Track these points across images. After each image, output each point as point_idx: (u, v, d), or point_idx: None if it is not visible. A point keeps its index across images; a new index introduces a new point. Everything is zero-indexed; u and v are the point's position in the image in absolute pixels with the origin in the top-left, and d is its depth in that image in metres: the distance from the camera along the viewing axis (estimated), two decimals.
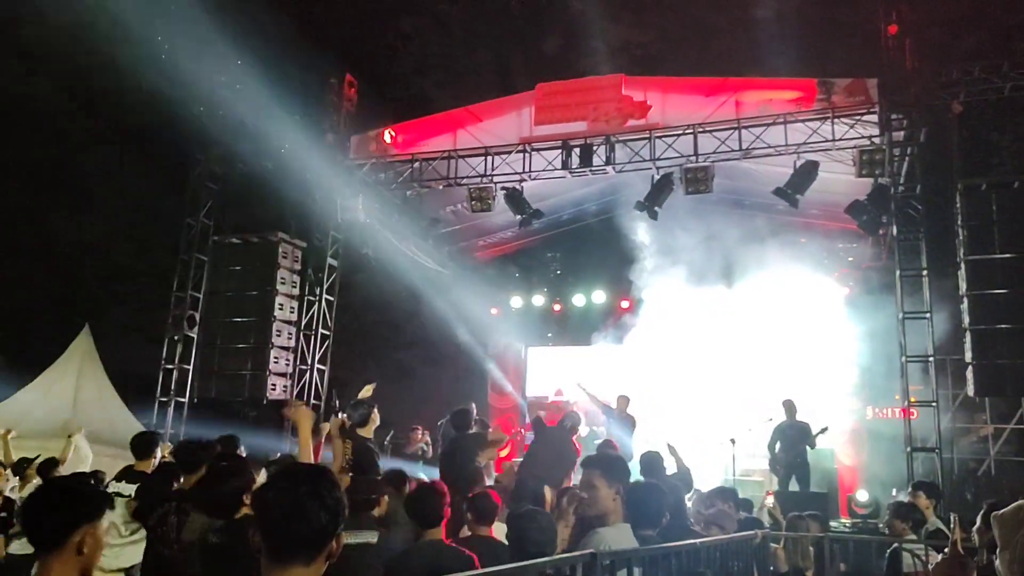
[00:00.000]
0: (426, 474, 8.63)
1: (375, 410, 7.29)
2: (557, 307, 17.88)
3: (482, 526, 4.67)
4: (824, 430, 11.59)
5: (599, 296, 17.33)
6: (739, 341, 16.08)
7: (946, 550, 3.16)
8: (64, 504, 2.63)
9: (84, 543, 2.57)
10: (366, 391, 7.98)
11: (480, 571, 2.49)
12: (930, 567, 6.02)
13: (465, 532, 4.90)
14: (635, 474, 5.75)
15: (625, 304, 17.20)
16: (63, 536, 2.55)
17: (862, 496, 11.50)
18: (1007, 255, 10.34)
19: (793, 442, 11.37)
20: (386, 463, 8.23)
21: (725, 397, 15.87)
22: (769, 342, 15.83)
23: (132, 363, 14.56)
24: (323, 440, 6.88)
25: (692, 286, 16.00)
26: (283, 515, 2.05)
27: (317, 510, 2.04)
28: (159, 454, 6.50)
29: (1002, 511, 2.71)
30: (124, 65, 14.45)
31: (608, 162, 12.70)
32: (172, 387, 14.12)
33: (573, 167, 12.84)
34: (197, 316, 14.42)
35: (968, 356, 10.49)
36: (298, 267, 14.74)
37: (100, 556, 2.66)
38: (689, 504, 7.19)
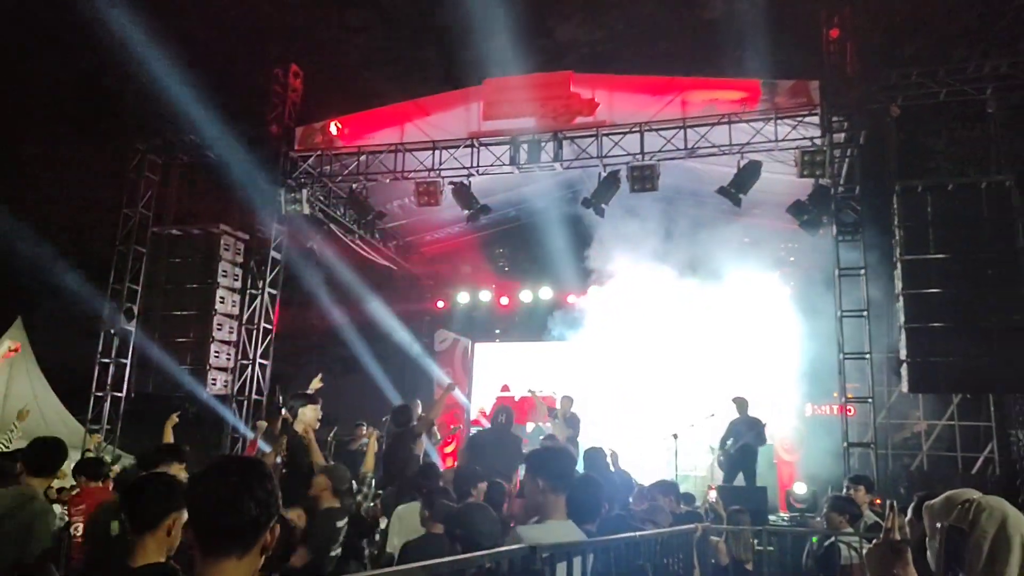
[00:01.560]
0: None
1: (314, 405, 7.22)
2: (504, 302, 17.88)
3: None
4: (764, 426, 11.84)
5: (546, 292, 17.37)
6: (683, 338, 16.29)
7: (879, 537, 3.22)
8: (163, 493, 3.12)
9: (173, 526, 3.07)
10: (315, 384, 7.90)
11: (418, 564, 2.46)
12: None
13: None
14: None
15: (572, 300, 17.27)
16: (159, 520, 3.04)
17: (800, 490, 11.72)
18: (941, 255, 10.62)
19: (744, 438, 11.55)
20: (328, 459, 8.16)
21: (668, 393, 16.07)
22: (712, 339, 16.07)
23: (67, 357, 14.13)
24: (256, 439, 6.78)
25: (637, 284, 16.17)
26: (213, 508, 2.01)
27: (247, 501, 2.00)
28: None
29: (932, 501, 2.77)
30: (61, 48, 14.05)
31: (556, 159, 12.73)
32: (109, 382, 13.73)
33: (521, 163, 12.85)
34: (135, 309, 14.04)
35: (903, 354, 10.76)
36: (240, 260, 14.46)
37: (179, 538, 3.10)
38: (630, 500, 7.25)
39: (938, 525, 2.64)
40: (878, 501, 8.41)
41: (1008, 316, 10.24)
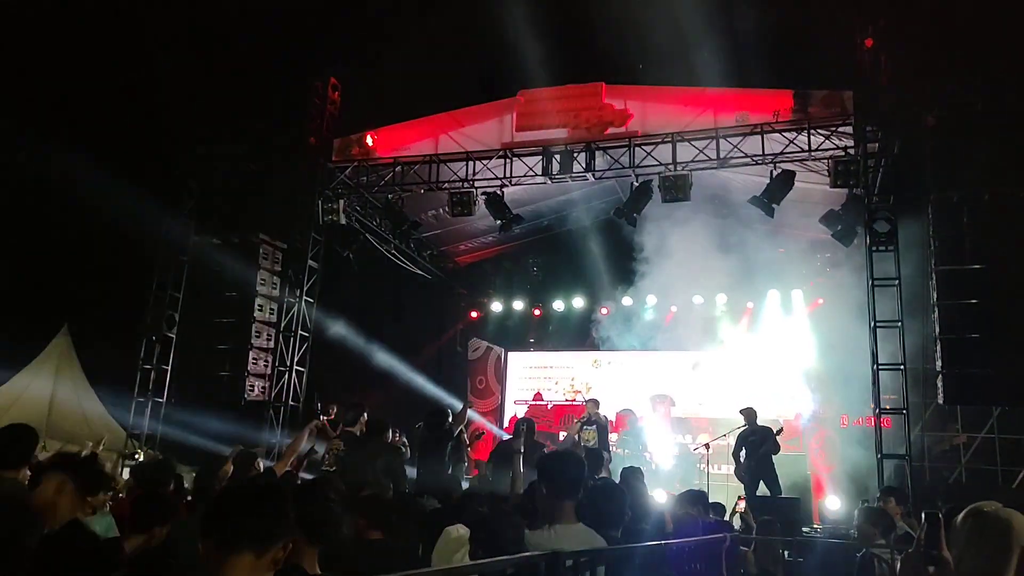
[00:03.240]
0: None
1: (365, 412, 7.57)
2: (537, 312, 17.98)
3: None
4: (780, 431, 11.78)
5: (579, 302, 17.44)
6: (716, 348, 16.30)
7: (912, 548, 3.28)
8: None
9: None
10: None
11: (438, 568, 2.57)
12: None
13: None
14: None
15: (604, 310, 17.33)
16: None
17: (833, 503, 11.64)
18: (977, 266, 10.51)
19: (756, 448, 11.53)
20: None
21: (702, 403, 16.09)
22: (746, 350, 16.06)
23: (110, 363, 14.49)
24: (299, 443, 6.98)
25: (671, 293, 16.23)
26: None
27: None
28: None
29: (956, 518, 2.82)
30: (106, 57, 14.44)
31: (588, 169, 12.82)
32: (150, 387, 14.07)
33: (553, 173, 12.96)
34: (176, 316, 14.37)
35: (938, 365, 10.65)
36: (279, 268, 14.74)
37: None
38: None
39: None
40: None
41: None
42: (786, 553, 8.24)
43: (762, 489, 11.37)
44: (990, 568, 2.61)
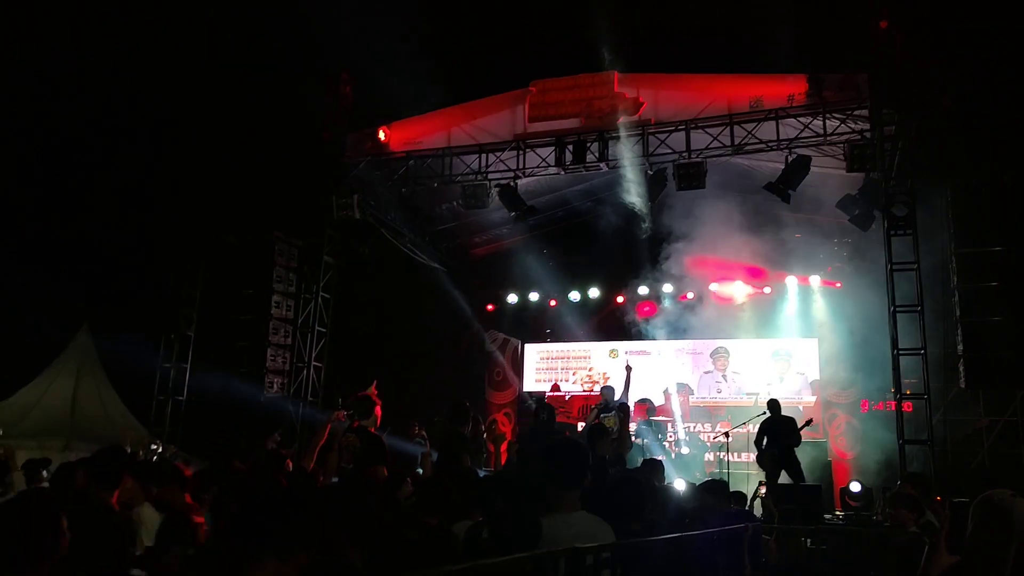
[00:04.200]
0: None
1: (378, 405, 7.53)
2: (553, 303, 17.95)
3: None
4: (809, 423, 11.75)
5: (594, 292, 17.38)
6: (734, 336, 16.23)
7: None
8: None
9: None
10: (371, 390, 8.15)
11: (460, 566, 2.56)
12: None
13: None
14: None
15: (620, 300, 17.28)
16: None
17: (855, 488, 11.56)
18: (996, 248, 10.38)
19: (779, 437, 11.47)
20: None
21: (721, 392, 16.04)
22: (764, 337, 15.98)
23: (131, 362, 14.59)
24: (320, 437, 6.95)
25: (686, 281, 16.16)
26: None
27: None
28: None
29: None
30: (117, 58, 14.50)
31: (601, 158, 12.76)
32: (170, 386, 14.18)
33: (567, 164, 12.91)
34: (194, 315, 14.46)
35: (960, 349, 10.55)
36: (295, 265, 14.78)
37: None
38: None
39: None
40: (939, 499, 8.28)
41: None
42: (808, 541, 8.21)
43: (784, 478, 11.32)
44: (991, 554, 2.74)
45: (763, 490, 10.40)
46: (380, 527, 3.18)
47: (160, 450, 12.60)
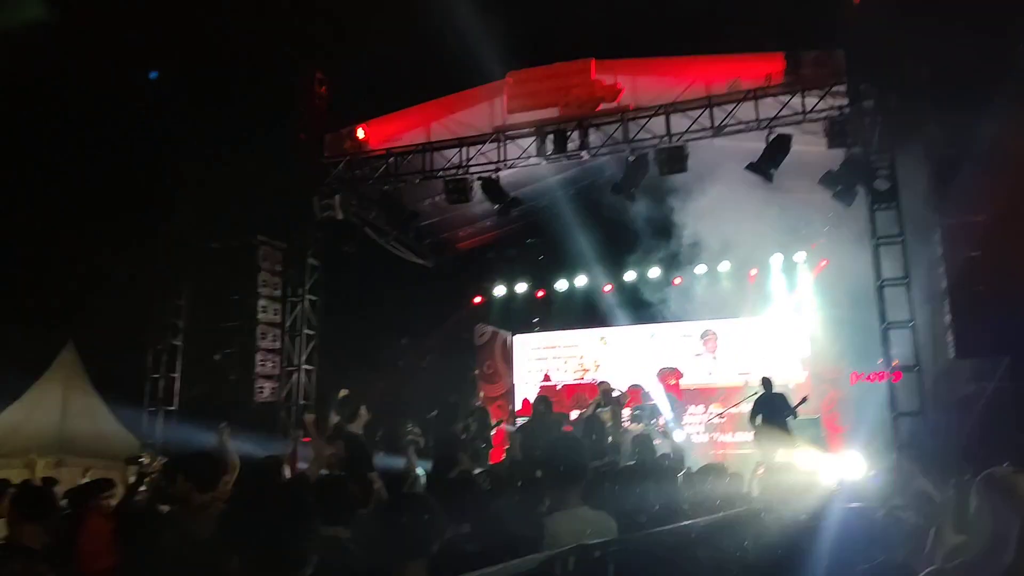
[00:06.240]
0: (421, 465, 8.66)
1: (363, 407, 7.38)
2: (540, 293, 17.93)
3: None
4: (804, 400, 11.83)
5: (581, 280, 17.36)
6: (722, 317, 16.29)
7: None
8: None
9: None
10: (342, 393, 8.03)
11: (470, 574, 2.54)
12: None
13: None
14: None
15: (608, 287, 17.28)
16: None
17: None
18: (979, 217, 10.45)
19: (774, 414, 11.56)
20: (381, 458, 8.30)
21: (712, 373, 16.09)
22: (750, 316, 16.05)
23: (118, 374, 14.46)
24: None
25: (674, 264, 16.20)
26: None
27: None
28: None
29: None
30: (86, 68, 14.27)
31: (582, 147, 12.73)
32: (159, 395, 14.07)
33: (548, 154, 12.87)
34: (180, 324, 14.34)
35: (947, 319, 10.62)
36: (279, 268, 14.69)
37: None
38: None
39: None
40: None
41: None
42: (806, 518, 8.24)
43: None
44: (996, 531, 2.75)
45: (760, 470, 10.42)
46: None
47: (150, 462, 12.48)
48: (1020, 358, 12.21)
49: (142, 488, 7.22)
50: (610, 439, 10.62)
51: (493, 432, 13.82)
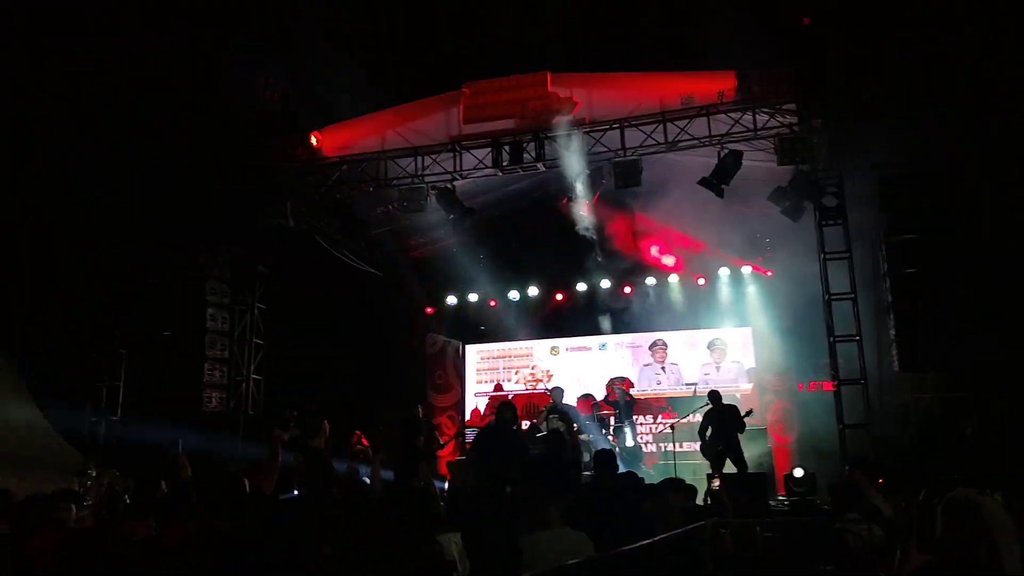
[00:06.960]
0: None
1: (325, 420, 7.28)
2: (492, 303, 17.93)
3: None
4: (749, 413, 12.04)
5: (533, 290, 17.40)
6: (671, 328, 16.50)
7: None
8: None
9: None
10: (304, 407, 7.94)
11: None
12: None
13: None
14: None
15: (560, 297, 17.37)
16: None
17: (798, 473, 11.85)
18: (918, 235, 10.82)
19: (723, 427, 11.74)
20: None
21: (660, 384, 16.28)
22: (699, 327, 16.29)
23: (61, 383, 14.01)
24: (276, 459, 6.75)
25: (624, 276, 16.38)
26: None
27: None
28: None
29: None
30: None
31: (538, 158, 12.79)
32: (103, 405, 13.67)
33: (504, 165, 12.90)
34: (118, 331, 13.93)
35: (892, 334, 10.94)
36: (228, 276, 14.42)
37: None
38: None
39: None
40: (880, 481, 8.54)
41: (980, 290, 10.46)
42: (759, 529, 8.39)
43: (728, 467, 11.58)
44: (964, 552, 2.84)
45: (716, 483, 10.59)
46: None
47: (96, 475, 12.13)
48: (957, 371, 12.65)
49: (87, 503, 7.02)
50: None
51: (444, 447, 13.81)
